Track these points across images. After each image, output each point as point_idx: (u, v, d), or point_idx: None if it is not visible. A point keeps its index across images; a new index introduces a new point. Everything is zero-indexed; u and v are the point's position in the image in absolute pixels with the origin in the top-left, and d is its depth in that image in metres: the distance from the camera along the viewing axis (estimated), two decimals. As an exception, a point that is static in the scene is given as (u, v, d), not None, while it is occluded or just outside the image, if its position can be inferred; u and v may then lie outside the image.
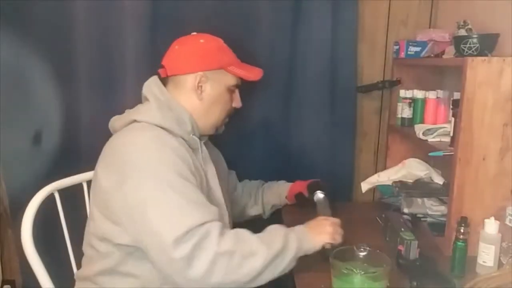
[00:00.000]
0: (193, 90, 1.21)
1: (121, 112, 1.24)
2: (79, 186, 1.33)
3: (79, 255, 1.26)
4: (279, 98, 1.71)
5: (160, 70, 1.23)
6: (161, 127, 1.13)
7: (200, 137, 1.24)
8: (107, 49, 1.58)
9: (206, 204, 1.06)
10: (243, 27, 1.62)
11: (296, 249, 1.09)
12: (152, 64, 1.59)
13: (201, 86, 1.21)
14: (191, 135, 1.19)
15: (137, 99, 1.24)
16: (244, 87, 1.31)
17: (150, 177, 1.02)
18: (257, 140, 1.72)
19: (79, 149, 1.62)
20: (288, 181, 1.61)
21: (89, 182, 1.32)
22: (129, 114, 1.18)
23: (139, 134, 1.11)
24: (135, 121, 1.15)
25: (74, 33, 1.56)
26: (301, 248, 1.11)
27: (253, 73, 1.30)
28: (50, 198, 1.24)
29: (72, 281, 1.25)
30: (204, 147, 1.25)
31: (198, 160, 1.20)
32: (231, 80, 1.26)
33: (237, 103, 1.31)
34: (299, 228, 1.16)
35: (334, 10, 1.67)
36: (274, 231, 1.11)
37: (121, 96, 1.59)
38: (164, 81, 1.23)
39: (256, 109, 1.68)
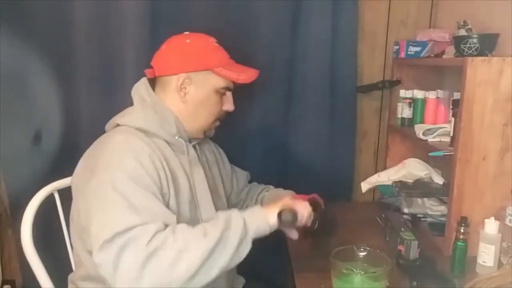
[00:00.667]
0: (177, 91, 1.16)
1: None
2: (79, 186, 1.32)
3: (79, 255, 1.26)
4: (279, 98, 1.71)
5: (148, 71, 1.21)
6: (142, 130, 1.10)
7: (190, 139, 1.21)
8: (107, 49, 1.57)
9: (154, 209, 0.98)
10: (243, 27, 1.62)
11: (241, 230, 0.98)
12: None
13: (185, 88, 1.16)
14: (176, 137, 1.15)
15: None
16: (243, 87, 1.27)
17: (102, 179, 0.99)
18: (257, 140, 1.72)
19: (79, 149, 1.61)
20: (288, 181, 1.61)
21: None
22: (116, 118, 1.17)
23: (109, 139, 1.10)
24: (118, 124, 1.14)
25: (74, 33, 1.55)
26: (250, 226, 1.00)
27: (245, 75, 1.22)
28: (50, 198, 1.24)
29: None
30: (192, 150, 1.20)
31: (183, 163, 1.15)
32: (220, 83, 1.19)
33: (228, 106, 1.24)
34: (250, 208, 1.07)
35: (334, 10, 1.67)
36: (217, 217, 1.01)
37: (121, 96, 1.58)
38: (154, 82, 1.20)
39: (256, 109, 1.69)
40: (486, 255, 1.19)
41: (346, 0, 1.69)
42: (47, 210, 1.22)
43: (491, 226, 1.19)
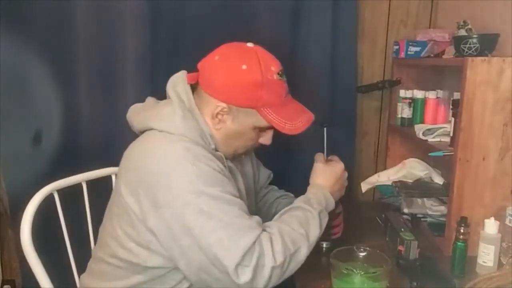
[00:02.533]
0: (212, 117, 1.05)
1: (121, 112, 1.22)
2: (78, 186, 1.32)
3: (78, 255, 1.26)
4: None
5: (191, 75, 1.07)
6: (187, 139, 1.00)
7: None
8: (107, 49, 1.58)
9: (248, 213, 0.99)
10: (243, 27, 1.62)
11: (326, 222, 1.08)
12: (152, 64, 1.60)
13: (221, 116, 1.04)
14: (214, 151, 1.05)
15: (137, 99, 1.23)
16: None
17: (191, 201, 0.93)
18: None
19: (79, 149, 1.62)
20: (288, 180, 1.61)
21: (89, 182, 1.33)
22: (149, 118, 1.05)
23: (165, 150, 0.98)
24: (152, 128, 1.03)
25: (74, 33, 1.55)
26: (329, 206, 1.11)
27: (291, 126, 1.06)
28: (50, 198, 1.24)
29: (72, 281, 1.25)
30: (229, 161, 1.11)
31: (227, 175, 1.06)
32: (262, 123, 1.06)
33: (266, 140, 1.13)
34: (327, 198, 1.12)
35: (334, 10, 1.67)
36: (307, 212, 1.05)
37: (121, 96, 1.59)
38: (193, 85, 1.08)
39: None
40: (486, 255, 1.19)
41: (346, 0, 1.69)
42: (47, 210, 1.22)
43: (491, 226, 1.19)
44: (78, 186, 1.32)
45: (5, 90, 1.55)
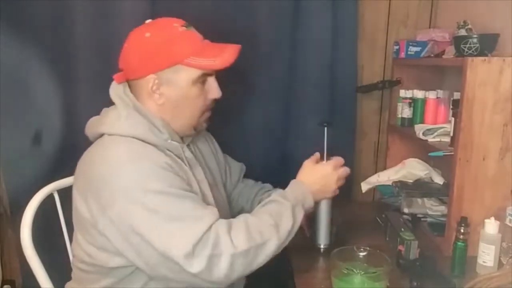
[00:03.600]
0: (150, 95, 1.05)
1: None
2: (79, 186, 1.32)
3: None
4: (279, 97, 1.71)
5: (117, 75, 1.09)
6: (134, 138, 1.01)
7: (183, 139, 1.13)
8: (107, 49, 1.57)
9: (204, 206, 0.99)
10: (243, 27, 1.62)
11: (301, 218, 1.07)
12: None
13: (158, 89, 1.05)
14: (168, 141, 1.06)
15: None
16: (244, 84, 1.20)
17: (135, 199, 0.92)
18: (257, 139, 1.72)
19: (79, 149, 1.61)
20: (288, 180, 1.61)
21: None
22: (98, 125, 1.07)
23: (109, 151, 1.00)
24: (103, 134, 1.05)
25: (74, 33, 1.55)
26: (304, 212, 1.09)
27: (221, 58, 1.06)
28: (50, 198, 1.24)
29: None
30: (187, 152, 1.12)
31: (183, 168, 1.07)
32: (194, 73, 1.05)
33: (213, 93, 1.11)
34: (305, 194, 1.11)
35: (334, 10, 1.67)
36: (281, 205, 1.05)
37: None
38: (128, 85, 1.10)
39: (256, 108, 1.68)
40: (486, 255, 1.19)
41: (346, 0, 1.69)
42: (47, 210, 1.22)
43: (491, 226, 1.19)
44: (78, 186, 1.32)
45: (5, 90, 1.55)
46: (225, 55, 1.07)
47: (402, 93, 1.69)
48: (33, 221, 1.15)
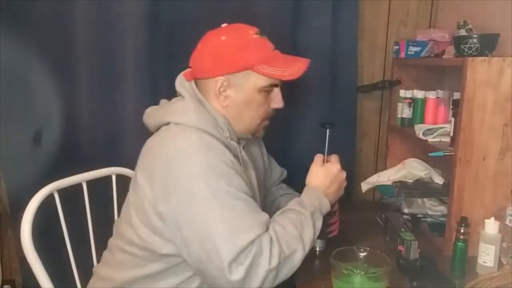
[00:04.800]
0: (216, 96, 1.09)
1: (121, 112, 1.23)
2: (78, 186, 1.32)
3: (78, 255, 1.26)
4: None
5: (186, 72, 1.13)
6: (203, 130, 1.03)
7: (239, 141, 1.14)
8: (107, 49, 1.57)
9: (257, 211, 1.00)
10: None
11: (320, 225, 1.07)
12: (152, 63, 1.60)
13: (224, 91, 1.08)
14: (228, 139, 1.08)
15: (137, 99, 1.23)
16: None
17: (196, 190, 0.95)
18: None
19: (79, 149, 1.62)
20: (288, 180, 1.60)
21: (89, 182, 1.33)
22: (164, 113, 1.09)
23: (180, 139, 1.01)
24: (169, 123, 1.06)
25: (74, 33, 1.55)
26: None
27: (291, 70, 1.09)
28: (50, 198, 1.24)
29: (72, 281, 1.25)
30: (243, 152, 1.14)
31: (239, 167, 1.08)
32: (262, 81, 1.08)
33: (277, 103, 1.14)
34: (321, 200, 1.10)
35: (334, 10, 1.67)
36: (300, 215, 1.04)
37: (121, 96, 1.59)
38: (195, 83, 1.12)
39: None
40: (486, 255, 1.19)
41: (346, 0, 1.69)
42: (47, 210, 1.22)
43: (491, 226, 1.19)
44: (78, 186, 1.32)
45: (5, 90, 1.55)
46: (295, 67, 1.10)
47: (402, 93, 1.69)
48: (33, 221, 1.15)
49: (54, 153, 1.59)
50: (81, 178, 1.32)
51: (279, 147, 1.75)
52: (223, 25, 1.13)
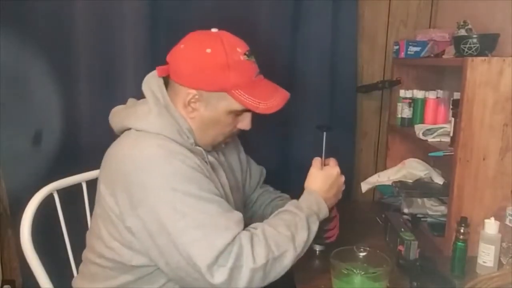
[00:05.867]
0: (184, 105, 1.04)
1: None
2: (78, 186, 1.32)
3: (78, 256, 1.26)
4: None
5: (161, 68, 1.07)
6: (163, 136, 1.00)
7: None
8: (107, 49, 1.58)
9: (229, 210, 0.98)
10: (243, 27, 1.61)
11: (316, 229, 1.06)
12: (152, 63, 1.59)
13: (194, 103, 1.03)
14: (194, 145, 1.05)
15: (137, 99, 1.23)
16: None
17: (165, 199, 0.92)
18: (257, 139, 1.72)
19: (79, 149, 1.62)
20: (288, 180, 1.61)
21: (89, 182, 1.32)
22: (127, 117, 1.06)
23: (141, 147, 0.97)
24: (130, 128, 1.04)
25: (74, 33, 1.55)
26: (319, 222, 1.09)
27: (266, 105, 1.03)
28: (50, 198, 1.24)
29: (71, 281, 1.25)
30: (209, 156, 1.11)
31: (208, 170, 1.06)
32: (235, 106, 1.03)
33: (244, 125, 1.10)
34: (320, 204, 1.10)
35: (334, 10, 1.68)
36: (295, 216, 1.03)
37: (121, 96, 1.59)
38: (165, 79, 1.08)
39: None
40: (486, 255, 1.19)
41: (346, 0, 1.69)
42: (47, 210, 1.22)
43: (491, 226, 1.19)
44: (78, 186, 1.32)
45: (5, 90, 1.55)
46: (272, 101, 1.05)
47: (402, 93, 1.69)
48: (33, 221, 1.15)
49: (54, 153, 1.59)
50: (81, 178, 1.33)
51: (279, 146, 1.75)
52: (213, 29, 1.07)
